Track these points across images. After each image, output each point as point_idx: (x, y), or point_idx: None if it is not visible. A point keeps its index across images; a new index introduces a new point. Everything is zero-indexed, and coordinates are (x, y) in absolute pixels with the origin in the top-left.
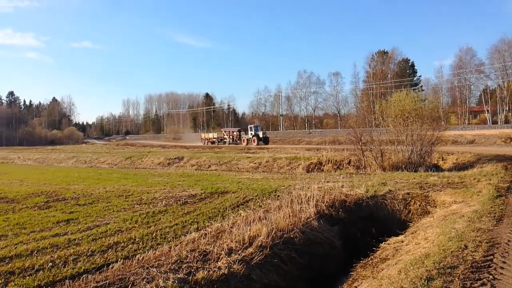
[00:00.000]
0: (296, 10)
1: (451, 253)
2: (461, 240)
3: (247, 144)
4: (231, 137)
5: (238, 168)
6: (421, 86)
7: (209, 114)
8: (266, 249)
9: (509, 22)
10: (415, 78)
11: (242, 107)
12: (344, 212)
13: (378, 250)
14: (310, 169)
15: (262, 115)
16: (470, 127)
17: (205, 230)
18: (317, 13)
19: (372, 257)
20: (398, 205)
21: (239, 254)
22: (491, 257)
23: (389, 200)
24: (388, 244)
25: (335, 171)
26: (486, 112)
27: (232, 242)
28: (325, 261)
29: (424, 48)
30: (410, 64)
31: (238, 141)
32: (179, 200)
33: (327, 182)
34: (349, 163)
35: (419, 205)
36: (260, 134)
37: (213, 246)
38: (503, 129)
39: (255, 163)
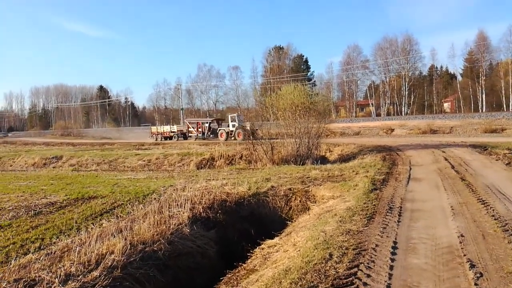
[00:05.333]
0: (195, 1)
1: (313, 267)
2: (327, 247)
3: (226, 139)
4: (199, 130)
5: (125, 166)
6: (314, 81)
7: (104, 108)
8: (117, 269)
9: (391, 21)
10: (309, 74)
11: (141, 101)
12: (224, 213)
13: (250, 257)
14: (202, 165)
15: (164, 109)
16: (357, 119)
17: (49, 249)
18: (215, 5)
19: (240, 268)
20: (280, 202)
21: (78, 281)
22: (356, 269)
23: (271, 197)
24: (262, 249)
25: (228, 166)
26: (371, 105)
27: (74, 265)
28: (195, 274)
29: (318, 46)
30: (304, 60)
31: (211, 136)
32: (33, 210)
33: (212, 180)
34: (241, 157)
35: (300, 201)
36: (248, 126)
37: (48, 272)
38: (385, 121)
39: (144, 161)
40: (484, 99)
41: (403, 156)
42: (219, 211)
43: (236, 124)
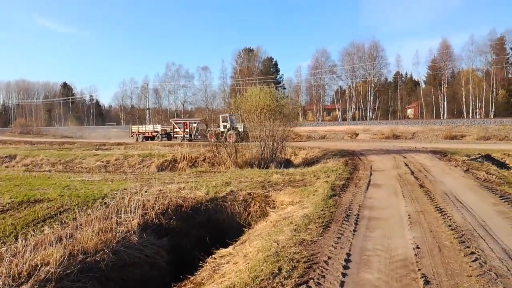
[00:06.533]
0: (165, 0)
1: (260, 283)
2: (278, 260)
3: (216, 140)
4: (186, 131)
5: (81, 167)
6: (283, 84)
7: (67, 106)
8: (51, 282)
9: (358, 28)
10: (278, 77)
11: (106, 99)
12: (178, 219)
13: (200, 269)
14: (164, 167)
15: (130, 108)
16: (324, 123)
17: None
18: (186, 6)
19: (187, 281)
20: (239, 207)
21: None
22: (304, 286)
23: (229, 202)
24: (214, 259)
25: (190, 169)
26: (338, 110)
27: (1, 278)
28: (141, 287)
29: (287, 49)
30: (273, 62)
31: (199, 137)
32: None
33: (171, 183)
34: (204, 160)
35: (259, 207)
36: (240, 127)
37: None
38: (350, 125)
39: (102, 162)
40: (445, 106)
41: (365, 161)
42: (174, 217)
43: (228, 125)
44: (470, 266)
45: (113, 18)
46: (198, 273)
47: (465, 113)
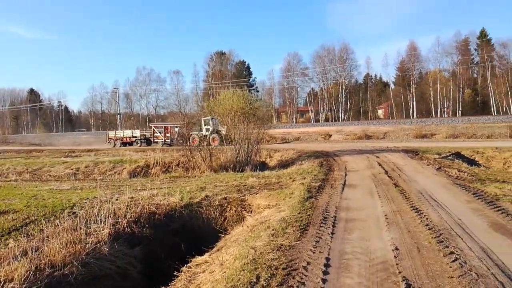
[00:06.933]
0: (135, 4)
1: None
2: (256, 267)
3: (199, 145)
4: (167, 135)
5: (50, 176)
6: (257, 87)
7: (35, 113)
8: None
9: (328, 31)
10: (251, 80)
11: (75, 105)
12: (151, 227)
13: (174, 278)
14: (136, 173)
15: (100, 114)
16: (297, 125)
17: None
18: (155, 9)
19: None
20: (214, 213)
21: None
22: None
23: (204, 208)
24: (189, 268)
25: (164, 174)
26: (311, 111)
27: None
28: None
29: (260, 53)
30: (246, 66)
31: (181, 141)
32: None
33: (144, 189)
34: (178, 164)
35: (235, 211)
36: (223, 130)
37: None
38: (323, 127)
39: (72, 169)
40: (414, 106)
41: (339, 161)
42: (146, 225)
43: (211, 129)
44: (450, 267)
45: (81, 22)
46: (173, 283)
47: (433, 112)
